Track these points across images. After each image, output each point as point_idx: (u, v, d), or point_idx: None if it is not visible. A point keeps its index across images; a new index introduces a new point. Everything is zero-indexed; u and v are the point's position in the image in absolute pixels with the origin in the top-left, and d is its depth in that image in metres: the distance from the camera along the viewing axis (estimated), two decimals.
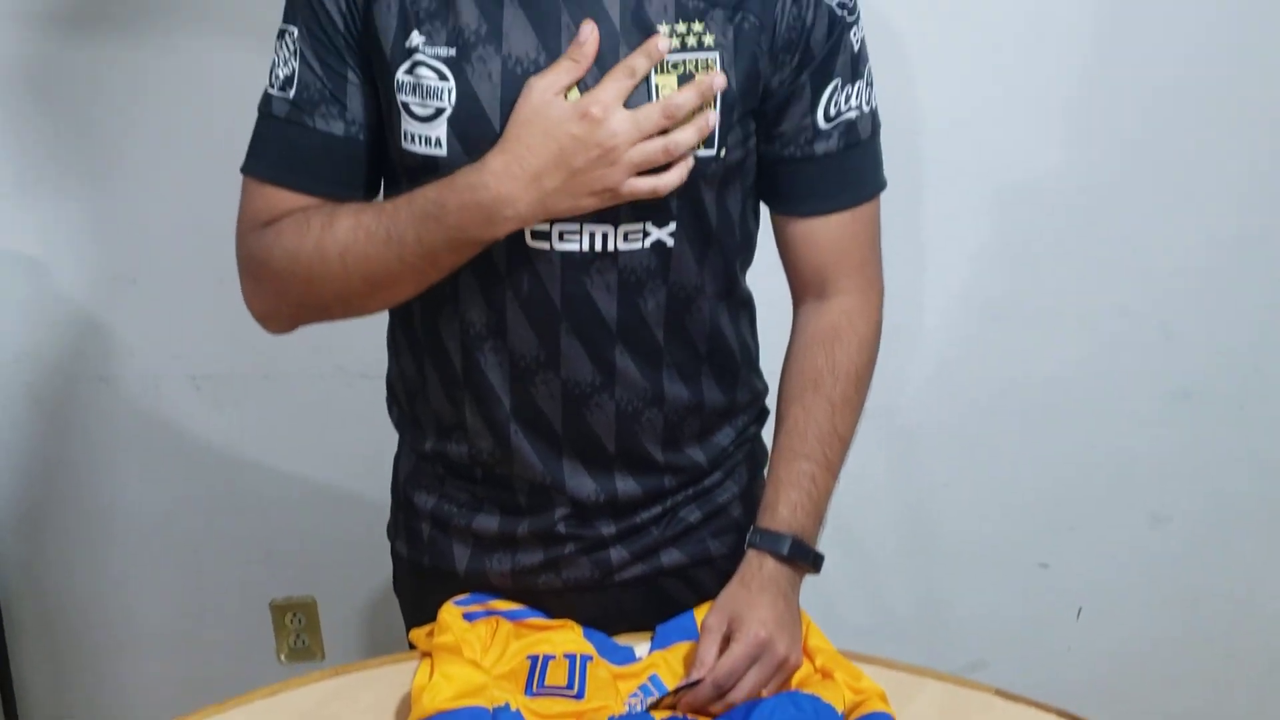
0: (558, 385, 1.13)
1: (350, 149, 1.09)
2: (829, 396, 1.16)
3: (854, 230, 1.16)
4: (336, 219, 1.05)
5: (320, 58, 1.08)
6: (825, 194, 1.14)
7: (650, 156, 1.01)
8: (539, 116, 1.00)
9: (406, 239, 1.02)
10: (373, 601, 2.02)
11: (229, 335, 1.82)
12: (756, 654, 1.07)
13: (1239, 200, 1.79)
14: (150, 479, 1.93)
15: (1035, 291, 1.83)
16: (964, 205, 1.79)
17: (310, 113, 1.08)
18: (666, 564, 1.22)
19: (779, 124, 1.11)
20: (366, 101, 1.09)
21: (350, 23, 1.07)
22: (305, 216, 1.07)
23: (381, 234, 1.03)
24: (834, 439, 1.16)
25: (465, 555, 1.21)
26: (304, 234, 1.06)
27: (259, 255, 1.10)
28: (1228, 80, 1.73)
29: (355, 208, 1.06)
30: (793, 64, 1.08)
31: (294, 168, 1.09)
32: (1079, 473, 1.93)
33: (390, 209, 1.04)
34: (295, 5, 1.10)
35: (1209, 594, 2.00)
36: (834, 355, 1.17)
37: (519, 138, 1.00)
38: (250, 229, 1.11)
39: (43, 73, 1.72)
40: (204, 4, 1.69)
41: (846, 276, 1.17)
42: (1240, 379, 1.88)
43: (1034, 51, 1.71)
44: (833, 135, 1.12)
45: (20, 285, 1.83)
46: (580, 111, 0.99)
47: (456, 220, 1.01)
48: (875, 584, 2.00)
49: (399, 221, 1.02)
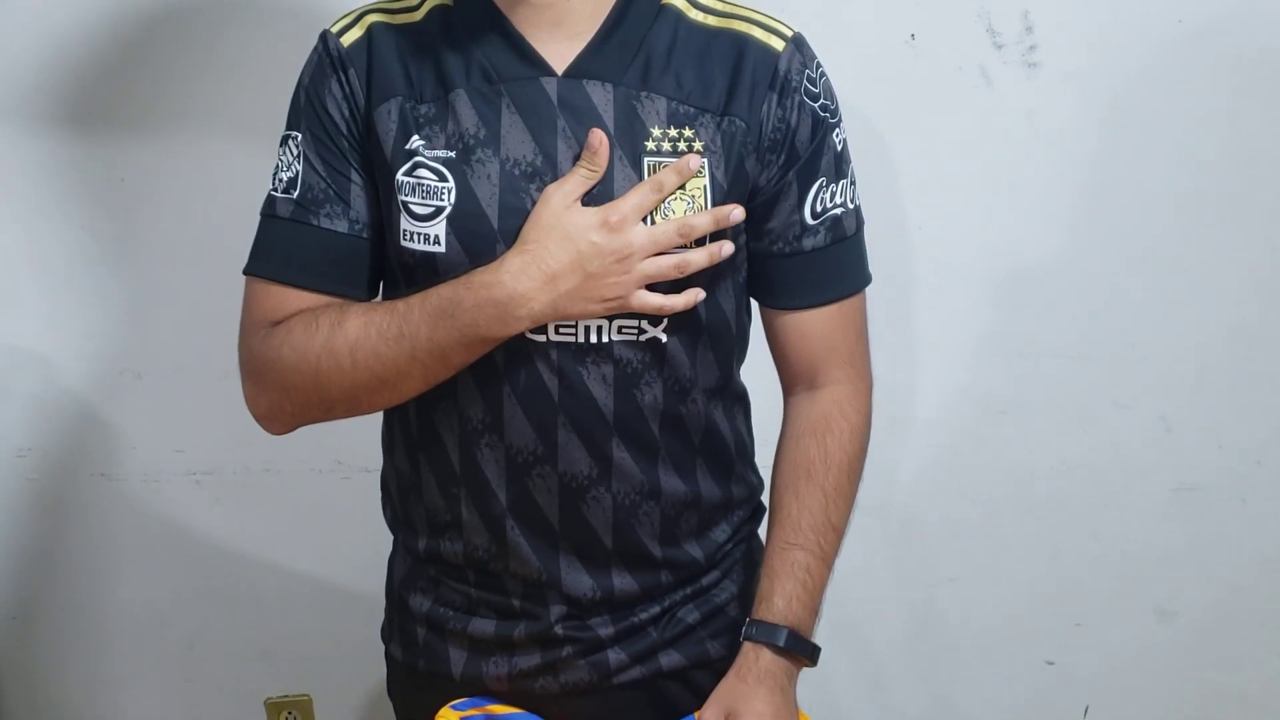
0: (554, 479, 1.13)
1: (353, 246, 1.12)
2: (822, 486, 1.17)
3: (842, 323, 1.19)
4: (346, 317, 1.07)
5: (324, 159, 1.11)
6: (814, 288, 1.17)
7: (662, 270, 1.06)
8: (560, 222, 1.04)
9: (419, 336, 1.05)
10: (370, 700, 1.99)
11: (231, 430, 1.81)
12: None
13: (1238, 294, 1.80)
14: (147, 575, 1.92)
15: (1034, 385, 1.83)
16: (962, 298, 1.80)
17: (315, 212, 1.11)
18: (665, 666, 1.20)
19: (768, 220, 1.14)
20: (369, 202, 1.12)
21: (352, 127, 1.11)
22: (313, 315, 1.09)
23: (394, 331, 1.05)
24: (828, 529, 1.17)
25: (461, 659, 1.20)
26: (313, 332, 1.08)
27: (265, 355, 1.11)
28: (1228, 175, 1.75)
29: (365, 306, 1.09)
30: (779, 163, 1.12)
31: (298, 266, 1.12)
32: (1083, 568, 1.91)
33: (403, 307, 1.06)
34: (299, 112, 1.13)
35: (1219, 691, 1.97)
36: (826, 444, 1.18)
37: (538, 240, 1.04)
38: (254, 330, 1.13)
39: (51, 170, 1.74)
40: (212, 107, 1.72)
41: (836, 367, 1.20)
42: (1242, 473, 1.87)
43: (1032, 147, 1.73)
44: (820, 231, 1.15)
45: (24, 379, 1.84)
46: (601, 220, 1.04)
47: (471, 318, 1.04)
48: (879, 682, 1.97)
49: (411, 319, 1.05)
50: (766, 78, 1.10)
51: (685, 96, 1.09)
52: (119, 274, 1.79)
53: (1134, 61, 1.71)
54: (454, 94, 1.09)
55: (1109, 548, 1.90)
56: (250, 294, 1.15)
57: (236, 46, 1.70)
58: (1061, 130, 1.73)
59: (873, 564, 1.90)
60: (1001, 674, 1.96)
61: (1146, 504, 1.88)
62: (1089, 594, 1.92)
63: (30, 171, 1.74)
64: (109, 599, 1.93)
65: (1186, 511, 1.88)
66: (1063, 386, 1.83)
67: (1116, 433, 1.85)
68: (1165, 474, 1.87)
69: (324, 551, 1.90)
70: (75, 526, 1.90)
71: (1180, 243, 1.78)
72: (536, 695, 1.18)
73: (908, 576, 1.93)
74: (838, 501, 1.18)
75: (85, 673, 1.97)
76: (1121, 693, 1.97)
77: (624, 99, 1.08)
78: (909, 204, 1.75)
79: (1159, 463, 1.86)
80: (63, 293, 1.80)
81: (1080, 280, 1.79)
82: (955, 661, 1.96)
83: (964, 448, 1.86)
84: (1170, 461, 1.86)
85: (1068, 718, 1.98)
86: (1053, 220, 1.77)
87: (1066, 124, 1.73)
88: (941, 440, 1.85)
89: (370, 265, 1.14)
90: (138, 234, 1.78)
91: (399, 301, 1.07)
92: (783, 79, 1.11)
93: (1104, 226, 1.77)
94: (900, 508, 1.87)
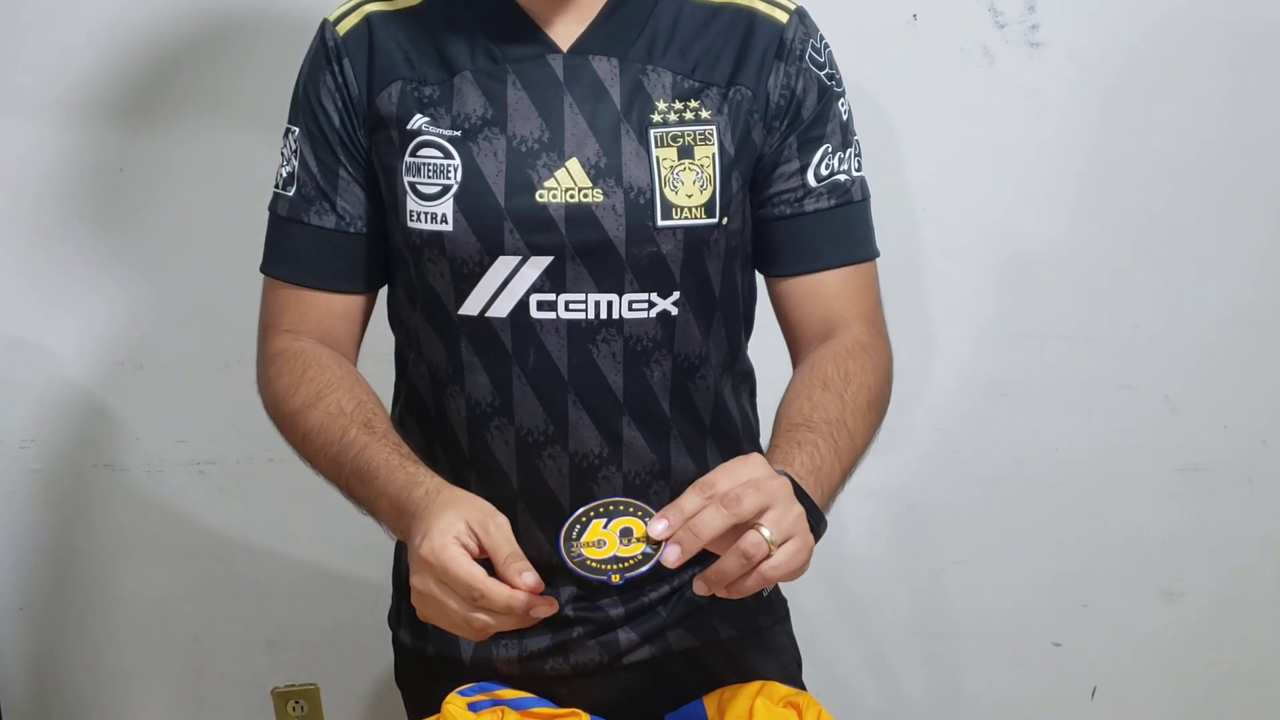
0: (565, 459, 1.13)
1: (343, 242, 1.14)
2: (840, 394, 1.06)
3: (859, 286, 1.16)
4: (317, 404, 1.08)
5: (316, 155, 1.13)
6: (821, 249, 1.14)
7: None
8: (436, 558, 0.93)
9: (343, 472, 1.05)
10: (377, 688, 1.99)
11: (233, 420, 1.81)
12: (702, 494, 0.91)
13: (1243, 275, 1.80)
14: (152, 566, 1.92)
15: (1038, 367, 1.83)
16: (965, 281, 1.80)
17: (306, 210, 1.13)
18: (675, 646, 1.20)
19: (770, 185, 1.14)
20: (362, 196, 1.13)
21: (346, 120, 1.12)
22: (301, 375, 1.10)
23: (333, 450, 1.06)
24: (843, 430, 1.04)
25: (471, 643, 1.19)
26: (290, 395, 1.10)
27: (261, 374, 1.15)
28: (1232, 154, 1.75)
29: (335, 402, 1.08)
30: (783, 129, 1.12)
31: (294, 264, 1.15)
32: (1089, 550, 1.91)
33: (351, 437, 1.05)
34: (298, 106, 1.15)
35: (1226, 672, 1.97)
36: (847, 366, 1.09)
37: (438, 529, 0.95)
38: (264, 332, 1.17)
39: (50, 161, 1.74)
40: (213, 97, 1.72)
41: (856, 322, 1.14)
42: (1248, 454, 1.87)
43: (1035, 127, 1.73)
44: (823, 194, 1.14)
45: (26, 371, 1.83)
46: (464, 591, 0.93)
47: (376, 505, 1.03)
48: (885, 665, 1.97)
49: (346, 457, 1.05)
50: (773, 47, 1.11)
51: (691, 70, 1.09)
52: (119, 265, 1.79)
53: (1137, 40, 1.70)
54: (459, 77, 1.09)
55: (1114, 530, 1.90)
56: (263, 291, 1.19)
57: (237, 36, 1.70)
58: (1065, 110, 1.73)
59: (878, 548, 1.90)
60: (1008, 657, 1.96)
61: (1152, 486, 1.88)
62: (1095, 576, 1.92)
63: (30, 163, 1.74)
64: (114, 590, 1.93)
65: (1192, 493, 1.88)
66: (1067, 369, 1.83)
67: (1121, 415, 1.85)
68: (1170, 455, 1.87)
69: (329, 540, 1.89)
70: (79, 517, 1.90)
71: (1184, 223, 1.77)
72: (547, 677, 1.18)
73: (913, 560, 1.92)
74: (856, 416, 1.05)
75: (91, 664, 1.97)
76: (1128, 674, 1.97)
77: (630, 73, 1.09)
78: (912, 186, 1.74)
79: (1164, 444, 1.86)
80: (63, 284, 1.79)
81: (1083, 262, 1.79)
82: (961, 645, 1.96)
83: (968, 431, 1.86)
84: (1175, 443, 1.86)
85: (1074, 700, 1.98)
86: (1056, 201, 1.76)
87: (1070, 104, 1.72)
88: (946, 424, 1.85)
89: (365, 259, 1.15)
90: (138, 225, 1.77)
91: (353, 428, 1.05)
92: (789, 48, 1.11)
93: (1107, 207, 1.77)
94: (905, 491, 1.87)
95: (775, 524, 0.90)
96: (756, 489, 0.90)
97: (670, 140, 1.08)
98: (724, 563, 0.90)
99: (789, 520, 0.91)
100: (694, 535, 0.89)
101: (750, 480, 0.91)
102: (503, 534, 0.95)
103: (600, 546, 0.93)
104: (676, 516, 0.90)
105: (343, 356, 1.16)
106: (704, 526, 0.89)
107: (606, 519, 0.94)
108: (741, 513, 0.89)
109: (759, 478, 0.91)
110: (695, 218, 1.08)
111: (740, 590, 0.91)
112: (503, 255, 1.08)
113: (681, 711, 1.14)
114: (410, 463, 1.03)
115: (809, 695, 1.15)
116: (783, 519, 0.90)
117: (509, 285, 1.09)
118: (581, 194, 1.07)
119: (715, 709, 1.14)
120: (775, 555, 0.90)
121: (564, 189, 1.07)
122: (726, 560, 0.90)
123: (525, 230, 1.08)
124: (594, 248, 1.08)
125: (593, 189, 1.07)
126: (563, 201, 1.07)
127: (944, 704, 1.99)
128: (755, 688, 1.13)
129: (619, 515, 0.94)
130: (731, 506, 0.89)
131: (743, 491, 0.89)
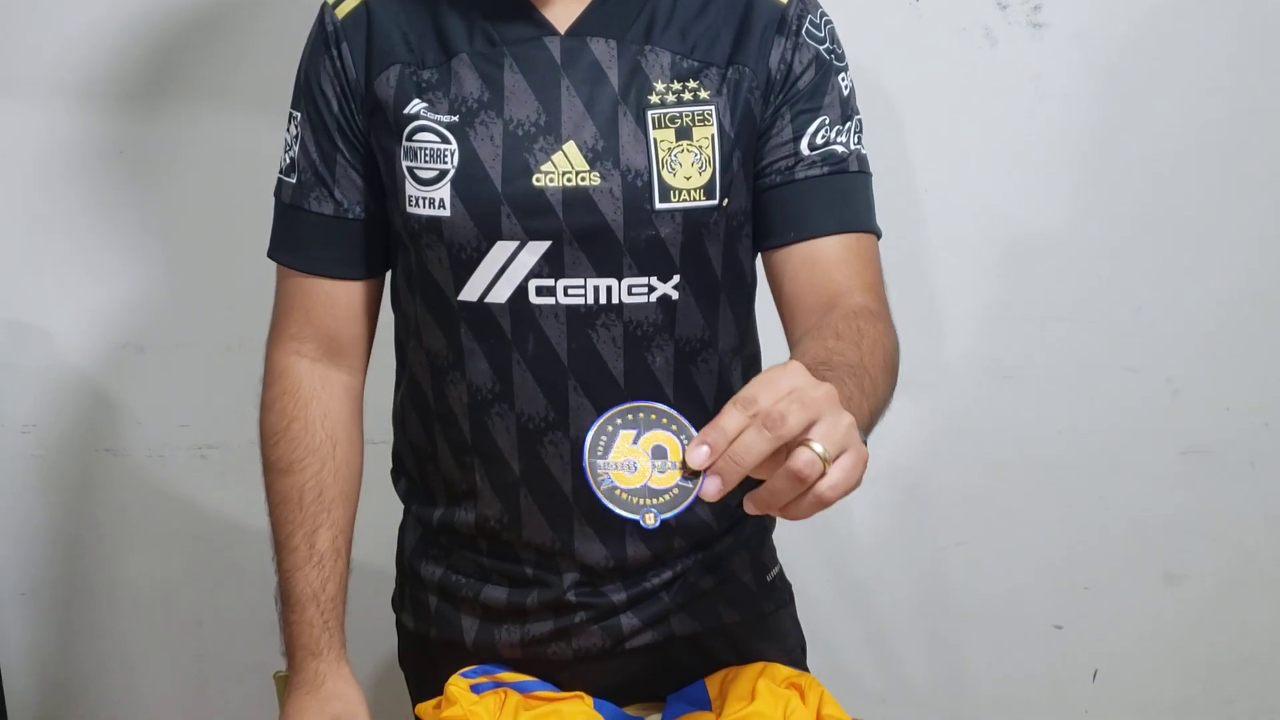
0: (567, 445, 1.13)
1: (342, 228, 1.14)
2: (856, 344, 0.98)
3: (858, 256, 1.11)
4: (287, 475, 1.16)
5: (316, 141, 1.13)
6: (813, 214, 1.10)
7: None
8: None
9: (277, 564, 1.18)
10: (379, 673, 1.99)
11: (235, 404, 1.80)
12: (745, 411, 0.79)
13: (1246, 257, 1.79)
14: (155, 551, 1.92)
15: (1040, 349, 1.83)
16: (967, 263, 1.79)
17: (306, 196, 1.14)
18: (678, 631, 1.20)
19: (763, 157, 1.12)
20: (361, 182, 1.13)
21: (344, 105, 1.12)
22: (285, 429, 1.17)
23: (279, 537, 1.17)
24: (865, 375, 0.94)
25: (474, 626, 1.20)
26: (272, 441, 1.17)
27: (263, 385, 1.20)
28: (1235, 137, 1.74)
29: (297, 486, 1.16)
30: (777, 101, 1.10)
31: (295, 250, 1.16)
32: (1091, 532, 1.91)
33: (292, 545, 1.17)
34: (299, 92, 1.15)
35: (1228, 655, 1.97)
36: (858, 323, 1.01)
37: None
38: (276, 326, 1.19)
39: (51, 144, 1.74)
40: (214, 80, 1.72)
41: (860, 292, 1.08)
42: (1250, 436, 1.87)
43: (1037, 108, 1.72)
44: (816, 162, 1.11)
45: (27, 355, 1.83)
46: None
47: (283, 633, 1.18)
48: (889, 648, 1.97)
49: (280, 559, 1.17)
50: (774, 24, 1.10)
51: (690, 50, 1.08)
52: (120, 248, 1.79)
53: (1139, 22, 1.69)
54: (456, 59, 1.08)
55: (1117, 512, 1.90)
56: (276, 280, 1.20)
57: (238, 19, 1.69)
58: (1067, 92, 1.72)
59: (880, 530, 1.90)
60: (1010, 639, 1.97)
61: (1154, 468, 1.88)
62: (1097, 558, 1.92)
63: (30, 146, 1.74)
64: (116, 575, 1.93)
65: (1194, 475, 1.88)
66: (1069, 351, 1.82)
67: (1123, 397, 1.84)
68: (1173, 438, 1.87)
69: None
70: (81, 502, 1.90)
71: (1187, 205, 1.77)
72: (549, 661, 1.18)
73: (915, 542, 1.92)
74: (874, 367, 0.96)
75: (94, 649, 1.97)
76: (1130, 656, 1.97)
77: (628, 54, 1.08)
78: (913, 168, 1.74)
79: (1166, 426, 1.86)
80: (63, 268, 1.79)
81: (1086, 244, 1.78)
82: (963, 626, 1.96)
83: (971, 413, 1.85)
84: (1178, 425, 1.86)
85: (1076, 682, 1.99)
86: (1058, 183, 1.76)
87: (1072, 85, 1.72)
88: (948, 406, 1.85)
89: (365, 244, 1.15)
90: (139, 208, 1.77)
91: (298, 533, 1.16)
92: (788, 23, 1.10)
93: (1110, 189, 1.76)
94: (907, 473, 1.87)
95: (826, 437, 0.78)
96: (802, 402, 0.78)
97: (668, 121, 1.07)
98: (775, 484, 0.79)
99: (840, 431, 0.79)
100: (735, 464, 0.77)
101: (793, 390, 0.79)
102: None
103: (631, 470, 0.80)
104: (719, 439, 0.78)
105: (351, 366, 1.20)
106: (746, 452, 0.77)
107: (637, 431, 0.80)
108: (786, 433, 0.77)
109: (801, 386, 0.79)
110: (694, 200, 1.07)
111: (796, 513, 0.80)
112: (500, 240, 1.08)
113: (683, 693, 1.14)
114: (321, 618, 1.16)
115: (811, 676, 1.15)
116: (833, 430, 0.79)
117: (507, 270, 1.09)
118: (579, 177, 1.07)
119: (717, 690, 1.14)
120: (831, 473, 0.78)
121: (561, 173, 1.07)
122: (777, 482, 0.78)
123: (522, 215, 1.07)
124: (592, 232, 1.07)
125: (590, 172, 1.07)
126: (560, 185, 1.07)
127: (946, 686, 1.99)
128: (757, 669, 1.14)
129: (652, 428, 0.80)
130: (776, 428, 0.77)
131: (786, 408, 0.77)
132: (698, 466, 0.79)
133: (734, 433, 0.78)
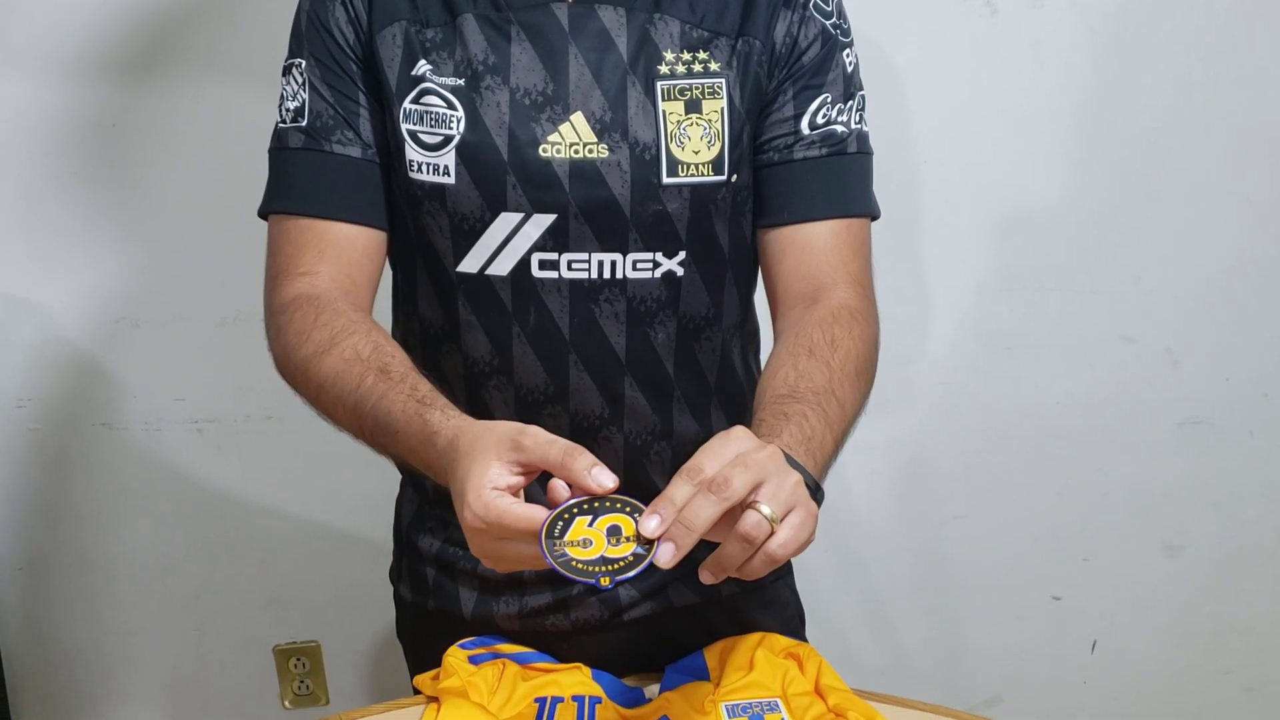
0: (565, 419, 1.12)
1: (369, 172, 1.08)
2: (827, 361, 1.00)
3: (848, 243, 1.10)
4: (331, 350, 1.00)
5: (330, 85, 1.08)
6: (811, 198, 1.10)
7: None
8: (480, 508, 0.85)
9: (364, 424, 0.98)
10: (378, 645, 2.00)
11: (231, 378, 1.81)
12: (691, 481, 0.82)
13: (1245, 227, 1.79)
14: (152, 524, 1.92)
15: (1039, 320, 1.82)
16: (966, 233, 1.78)
17: (327, 138, 1.08)
18: (676, 603, 1.20)
19: (763, 133, 1.10)
20: (377, 127, 1.09)
21: (357, 50, 1.07)
22: (314, 320, 1.03)
23: (351, 401, 0.98)
24: (832, 400, 0.97)
25: (472, 598, 1.19)
26: (302, 341, 1.02)
27: (271, 324, 1.07)
28: (1230, 107, 1.73)
29: (350, 348, 1.00)
30: (781, 76, 1.09)
31: (316, 197, 1.08)
32: (1090, 503, 1.91)
33: (366, 388, 0.97)
34: (301, 37, 1.10)
35: (1226, 625, 1.98)
36: (833, 332, 1.03)
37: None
38: (275, 280, 1.09)
39: (41, 117, 1.72)
40: (205, 50, 1.70)
41: (845, 285, 1.09)
42: (1249, 406, 1.87)
43: (1037, 78, 1.71)
44: (815, 142, 1.10)
45: (22, 329, 1.82)
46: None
47: (407, 450, 0.95)
48: (888, 620, 1.98)
49: (365, 407, 0.97)
50: None
51: (699, 19, 1.06)
52: (114, 222, 1.78)
53: None
54: (461, 18, 1.05)
55: (1116, 482, 1.90)
56: (271, 237, 1.10)
57: None
58: (1067, 61, 1.70)
59: (879, 502, 1.90)
60: (1009, 610, 1.97)
61: (1153, 438, 1.88)
62: (1096, 529, 1.93)
63: (22, 120, 1.72)
64: (114, 549, 1.93)
65: (1193, 445, 1.88)
66: (1068, 321, 1.82)
67: (1123, 367, 1.84)
68: (1172, 408, 1.87)
69: (328, 497, 1.89)
70: (78, 476, 1.90)
71: (1186, 175, 1.76)
72: (547, 633, 1.18)
73: (914, 514, 1.92)
74: (844, 382, 0.99)
75: (92, 623, 1.97)
76: (1129, 627, 1.97)
77: (637, 22, 1.06)
78: (912, 137, 1.73)
79: (1165, 397, 1.86)
80: (57, 242, 1.78)
81: (1085, 213, 1.77)
82: (963, 598, 1.97)
83: (970, 384, 1.85)
84: (1177, 395, 1.86)
85: (1075, 652, 1.99)
86: (1057, 153, 1.75)
87: (1072, 54, 1.70)
88: (947, 377, 1.84)
89: (385, 192, 1.10)
90: (132, 181, 1.76)
91: (370, 374, 0.98)
92: None
93: (1108, 159, 1.75)
94: (906, 445, 1.86)
95: (772, 498, 0.81)
96: (745, 465, 0.81)
97: (678, 93, 1.05)
98: (726, 549, 0.82)
99: (786, 491, 0.82)
100: (686, 529, 0.80)
101: (737, 457, 0.82)
102: (539, 443, 0.85)
103: (586, 546, 0.82)
104: (669, 510, 0.80)
105: (360, 304, 1.09)
106: (695, 517, 0.80)
107: (591, 516, 0.83)
108: (732, 495, 0.80)
109: (746, 450, 0.83)
110: (702, 175, 1.06)
111: (750, 573, 0.83)
112: (505, 212, 1.06)
113: (682, 663, 1.14)
114: (426, 409, 0.94)
115: (810, 646, 1.15)
116: (779, 490, 0.82)
117: (510, 243, 1.07)
118: (586, 149, 1.05)
119: (716, 660, 1.14)
120: (780, 532, 0.81)
121: (568, 144, 1.05)
122: (729, 545, 0.82)
123: (528, 186, 1.05)
124: (598, 206, 1.05)
125: (598, 144, 1.05)
126: (566, 157, 1.05)
127: (945, 657, 2.00)
128: (756, 639, 1.13)
129: (605, 512, 0.83)
130: (720, 491, 0.80)
131: (730, 472, 0.81)
132: (650, 535, 0.81)
133: (682, 501, 0.81)
